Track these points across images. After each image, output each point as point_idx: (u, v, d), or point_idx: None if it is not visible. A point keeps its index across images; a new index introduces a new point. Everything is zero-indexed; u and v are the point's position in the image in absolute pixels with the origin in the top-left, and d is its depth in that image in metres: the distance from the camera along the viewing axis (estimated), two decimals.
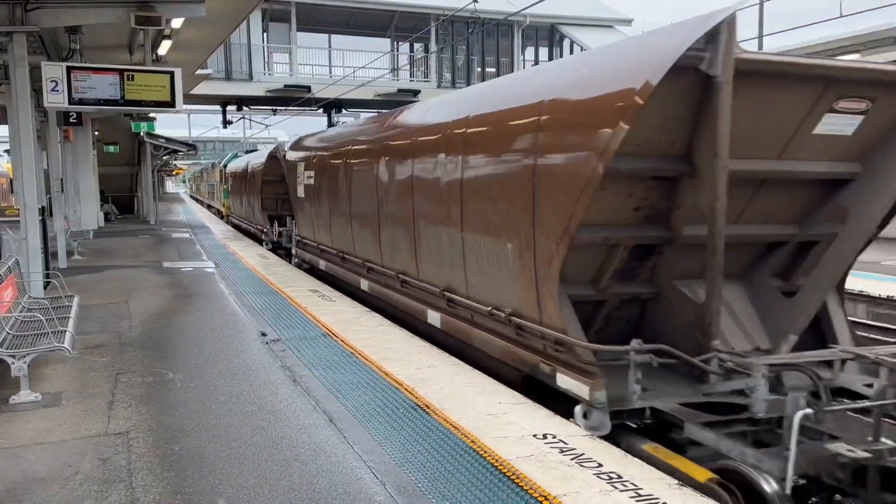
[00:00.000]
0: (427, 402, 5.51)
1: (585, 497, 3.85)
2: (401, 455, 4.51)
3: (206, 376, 6.34)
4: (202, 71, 19.93)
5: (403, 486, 4.06)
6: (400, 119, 9.47)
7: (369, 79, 26.49)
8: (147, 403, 5.61)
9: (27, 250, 10.02)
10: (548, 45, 34.24)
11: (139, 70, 10.46)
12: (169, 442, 4.78)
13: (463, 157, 7.01)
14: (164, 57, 15.15)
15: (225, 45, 25.31)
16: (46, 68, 9.71)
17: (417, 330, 8.30)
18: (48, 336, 6.10)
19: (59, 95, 9.71)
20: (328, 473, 4.25)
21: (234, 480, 4.16)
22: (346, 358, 6.94)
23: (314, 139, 14.13)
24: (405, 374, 6.29)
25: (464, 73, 32.10)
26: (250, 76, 28.23)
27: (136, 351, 7.30)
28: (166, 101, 10.39)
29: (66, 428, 5.09)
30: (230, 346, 7.50)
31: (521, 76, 7.28)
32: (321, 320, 8.71)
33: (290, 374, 6.40)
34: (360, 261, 10.57)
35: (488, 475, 4.18)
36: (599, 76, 5.32)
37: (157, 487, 4.08)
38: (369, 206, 9.92)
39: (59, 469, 4.36)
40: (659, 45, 4.86)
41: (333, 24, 31.95)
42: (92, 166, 22.30)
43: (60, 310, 7.34)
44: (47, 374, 6.45)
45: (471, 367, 6.59)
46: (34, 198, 10.21)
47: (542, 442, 4.66)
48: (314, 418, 5.22)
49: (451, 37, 31.34)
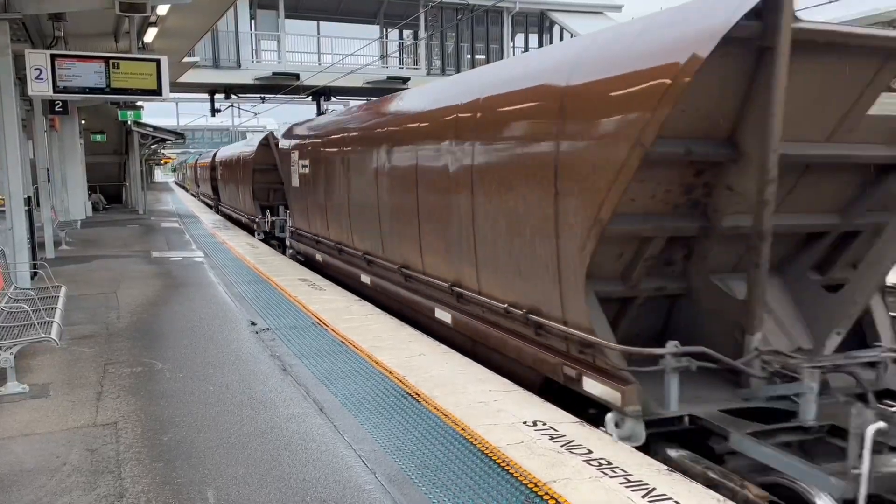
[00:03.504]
0: (417, 391, 5.51)
1: (575, 483, 3.86)
2: (391, 443, 4.50)
3: (195, 366, 6.31)
4: (189, 59, 19.76)
5: (393, 474, 4.06)
6: (403, 103, 8.95)
7: (358, 66, 26.31)
8: (135, 394, 5.57)
9: (13, 240, 9.93)
10: (538, 31, 34.11)
11: (125, 58, 10.34)
12: (158, 432, 4.76)
13: (473, 142, 6.46)
14: (150, 44, 15.01)
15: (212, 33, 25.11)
16: (30, 56, 9.58)
17: (427, 328, 7.81)
18: (35, 327, 6.04)
19: (43, 84, 9.58)
20: (318, 462, 4.24)
21: (223, 470, 4.14)
22: (336, 347, 6.92)
23: (309, 126, 13.56)
24: (395, 363, 6.28)
25: (453, 60, 31.96)
26: (238, 64, 27.99)
27: (125, 341, 7.25)
28: (153, 90, 10.28)
29: (53, 419, 5.05)
30: (219, 335, 7.46)
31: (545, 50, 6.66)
32: (311, 309, 8.68)
33: (279, 363, 6.38)
34: (360, 253, 10.12)
35: (478, 462, 4.18)
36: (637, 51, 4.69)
37: (145, 478, 4.06)
38: (369, 196, 9.41)
39: (47, 460, 4.33)
40: (707, 12, 4.30)
41: (322, 10, 31.69)
42: (79, 156, 22.09)
43: (47, 300, 7.28)
44: (34, 365, 6.40)
45: (460, 356, 6.58)
46: (19, 188, 10.10)
47: (532, 429, 4.67)
48: (304, 407, 5.21)
49: (440, 24, 31.18)
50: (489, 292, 6.52)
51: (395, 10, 30.93)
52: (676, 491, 3.75)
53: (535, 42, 34.15)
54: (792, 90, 4.47)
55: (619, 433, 4.70)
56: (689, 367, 4.69)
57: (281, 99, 31.46)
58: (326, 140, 11.76)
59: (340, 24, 32.68)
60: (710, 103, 4.61)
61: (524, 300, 5.92)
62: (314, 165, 12.32)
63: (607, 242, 4.97)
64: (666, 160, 4.73)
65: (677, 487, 3.80)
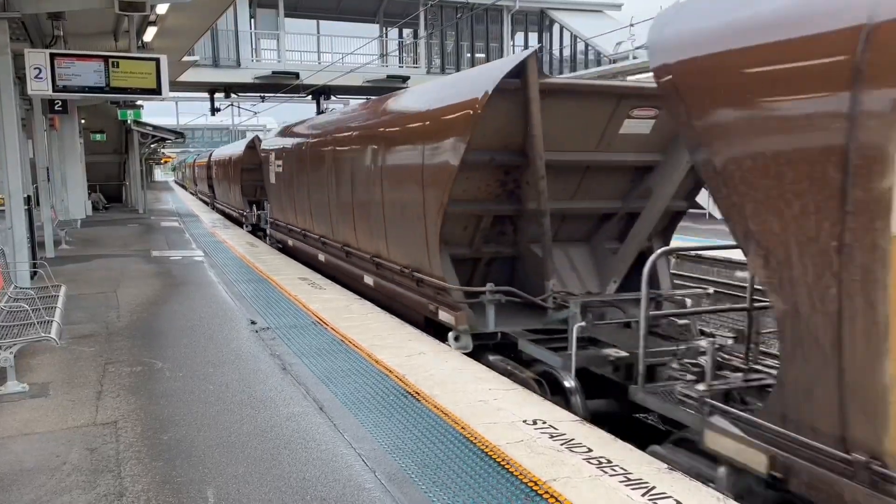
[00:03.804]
0: (417, 389, 5.51)
1: (575, 482, 3.86)
2: (391, 442, 4.50)
3: (196, 365, 6.31)
4: (189, 58, 19.76)
5: (394, 472, 4.06)
6: (343, 118, 11.42)
7: (358, 65, 26.31)
8: (135, 393, 5.57)
9: (13, 240, 9.93)
10: (537, 30, 34.10)
11: (124, 57, 10.36)
12: (158, 431, 4.76)
13: (382, 151, 8.79)
14: (149, 44, 14.99)
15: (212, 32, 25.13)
16: (29, 55, 9.60)
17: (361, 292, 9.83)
18: (34, 326, 6.04)
19: (42, 83, 9.60)
20: (318, 461, 4.24)
21: (223, 469, 4.14)
22: (336, 346, 6.92)
23: (281, 133, 16.05)
24: (396, 362, 6.28)
25: (453, 58, 31.94)
26: (238, 63, 28.00)
27: (125, 340, 7.26)
28: (152, 89, 10.30)
29: (53, 418, 5.05)
30: (219, 334, 7.47)
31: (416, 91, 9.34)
32: (311, 308, 8.68)
33: (279, 362, 6.38)
34: (317, 237, 12.31)
35: (478, 461, 4.18)
36: (454, 95, 7.07)
37: (145, 477, 4.06)
38: (323, 192, 11.63)
39: (47, 460, 4.33)
40: (490, 74, 6.60)
41: (321, 9, 31.70)
42: (79, 155, 22.07)
43: (47, 300, 7.27)
44: (34, 364, 6.40)
45: (460, 354, 6.60)
46: (19, 187, 10.10)
47: (531, 427, 4.67)
48: (304, 406, 5.21)
49: (440, 22, 31.16)
50: (394, 259, 8.65)
51: (395, 9, 30.93)
52: (676, 489, 3.75)
53: (534, 40, 34.11)
54: (560, 117, 6.74)
55: (457, 345, 6.89)
56: (500, 301, 6.93)
57: (281, 98, 31.45)
58: (293, 145, 14.10)
59: (340, 22, 32.68)
60: (505, 127, 6.73)
61: (412, 263, 8.06)
62: (285, 166, 14.60)
63: (452, 220, 7.17)
64: (480, 165, 6.89)
65: (677, 486, 3.80)
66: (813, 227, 3.27)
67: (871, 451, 3.19)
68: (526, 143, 6.72)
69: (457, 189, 6.84)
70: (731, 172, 3.65)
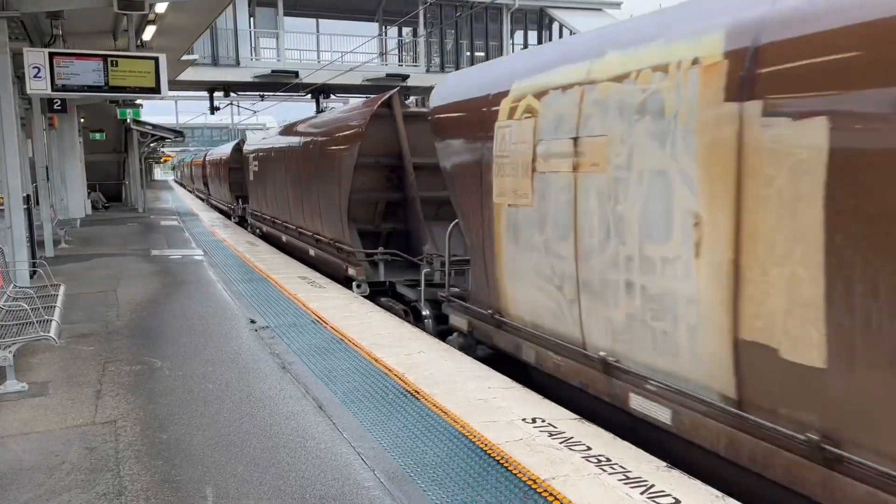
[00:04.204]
0: (417, 388, 5.51)
1: (574, 480, 3.86)
2: (390, 441, 4.50)
3: (195, 364, 6.31)
4: (188, 56, 19.72)
5: (393, 471, 4.06)
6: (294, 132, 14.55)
7: (357, 64, 26.28)
8: (135, 392, 5.57)
9: (12, 239, 9.92)
10: (537, 28, 34.04)
11: (123, 56, 10.33)
12: (157, 430, 4.76)
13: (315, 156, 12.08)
14: (148, 42, 14.97)
15: (211, 31, 25.09)
16: (28, 54, 9.57)
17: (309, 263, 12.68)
18: (34, 325, 6.04)
19: (41, 82, 9.57)
20: (317, 460, 4.24)
21: (222, 468, 4.14)
22: (335, 345, 6.92)
23: (258, 139, 19.94)
24: (395, 361, 6.28)
25: (453, 57, 31.90)
26: (237, 62, 27.94)
27: (124, 339, 7.25)
28: (151, 87, 10.27)
29: (52, 417, 5.05)
30: (219, 333, 7.46)
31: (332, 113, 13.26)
32: (310, 307, 8.68)
33: (279, 361, 6.38)
34: (281, 222, 15.61)
35: (478, 460, 4.18)
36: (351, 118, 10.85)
37: (144, 476, 4.06)
38: (283, 187, 14.88)
39: (46, 459, 4.32)
40: (370, 104, 10.49)
41: (321, 8, 31.64)
42: (78, 154, 22.08)
43: (46, 299, 7.27)
44: (34, 363, 6.40)
45: (460, 353, 6.61)
46: (18, 186, 10.10)
47: (531, 426, 4.67)
48: (303, 405, 5.21)
49: (439, 21, 31.12)
50: (326, 235, 11.74)
51: (395, 7, 30.84)
52: (675, 488, 3.75)
53: (534, 39, 34.06)
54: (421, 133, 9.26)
55: (359, 291, 9.91)
56: (387, 259, 10.08)
57: (280, 97, 31.41)
58: (265, 150, 17.26)
59: (340, 21, 32.63)
60: (384, 140, 10.20)
61: (335, 236, 11.18)
62: (260, 166, 17.70)
63: (356, 205, 10.42)
64: (369, 165, 10.24)
65: (676, 484, 3.80)
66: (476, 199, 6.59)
67: (498, 310, 6.46)
68: (400, 151, 10.24)
69: (356, 183, 10.11)
70: (450, 173, 7.23)
